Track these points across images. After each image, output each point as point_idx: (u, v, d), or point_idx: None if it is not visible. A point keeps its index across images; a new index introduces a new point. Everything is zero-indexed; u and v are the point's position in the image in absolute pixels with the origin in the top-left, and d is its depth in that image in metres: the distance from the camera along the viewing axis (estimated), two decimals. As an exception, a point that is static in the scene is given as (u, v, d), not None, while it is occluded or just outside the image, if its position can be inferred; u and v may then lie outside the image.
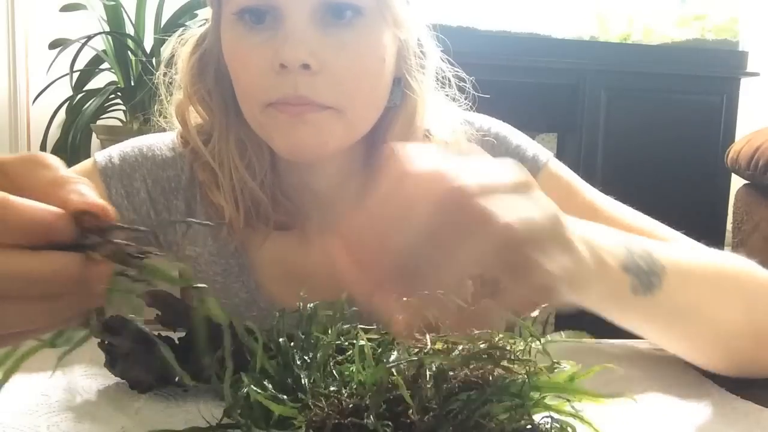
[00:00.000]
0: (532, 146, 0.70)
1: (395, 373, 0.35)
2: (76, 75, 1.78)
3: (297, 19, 0.56)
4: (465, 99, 0.69)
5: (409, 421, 0.33)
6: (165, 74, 0.68)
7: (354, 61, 0.58)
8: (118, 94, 1.80)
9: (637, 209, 0.68)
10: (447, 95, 0.69)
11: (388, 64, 0.61)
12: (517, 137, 0.72)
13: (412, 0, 0.63)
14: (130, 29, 1.83)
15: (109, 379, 0.49)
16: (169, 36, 0.68)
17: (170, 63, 0.67)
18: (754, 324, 0.53)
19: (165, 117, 0.70)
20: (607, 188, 0.69)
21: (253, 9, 0.57)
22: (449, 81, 0.68)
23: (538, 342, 0.41)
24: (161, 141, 0.70)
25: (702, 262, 0.53)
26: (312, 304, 0.45)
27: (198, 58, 0.65)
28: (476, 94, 0.69)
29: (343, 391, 0.36)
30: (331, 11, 0.57)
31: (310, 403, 0.35)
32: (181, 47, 0.66)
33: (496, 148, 0.70)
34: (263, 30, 0.58)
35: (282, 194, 0.67)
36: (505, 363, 0.37)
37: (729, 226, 1.94)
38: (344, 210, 0.65)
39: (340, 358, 0.40)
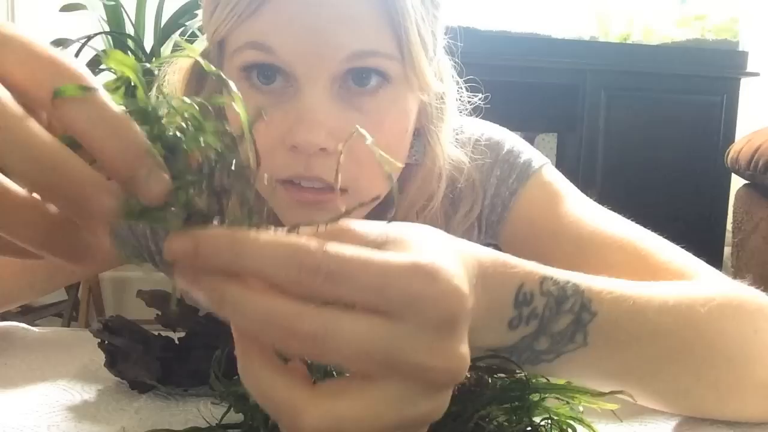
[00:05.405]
0: (527, 151, 0.67)
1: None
2: (75, 75, 1.78)
3: (314, 91, 0.48)
4: (468, 103, 0.68)
5: (408, 422, 0.33)
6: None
7: (376, 138, 0.52)
8: (118, 94, 1.80)
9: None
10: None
11: (410, 131, 0.56)
12: (511, 142, 0.68)
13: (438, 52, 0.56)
14: (130, 29, 1.83)
15: (109, 379, 0.49)
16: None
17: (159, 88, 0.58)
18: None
19: None
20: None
21: (262, 66, 0.49)
22: (459, 85, 0.65)
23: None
24: None
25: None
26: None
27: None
28: (477, 96, 0.68)
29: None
30: (353, 78, 0.49)
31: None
32: (172, 75, 0.59)
33: (487, 154, 0.65)
34: (273, 92, 0.50)
35: None
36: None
37: (729, 226, 1.94)
38: None
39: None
